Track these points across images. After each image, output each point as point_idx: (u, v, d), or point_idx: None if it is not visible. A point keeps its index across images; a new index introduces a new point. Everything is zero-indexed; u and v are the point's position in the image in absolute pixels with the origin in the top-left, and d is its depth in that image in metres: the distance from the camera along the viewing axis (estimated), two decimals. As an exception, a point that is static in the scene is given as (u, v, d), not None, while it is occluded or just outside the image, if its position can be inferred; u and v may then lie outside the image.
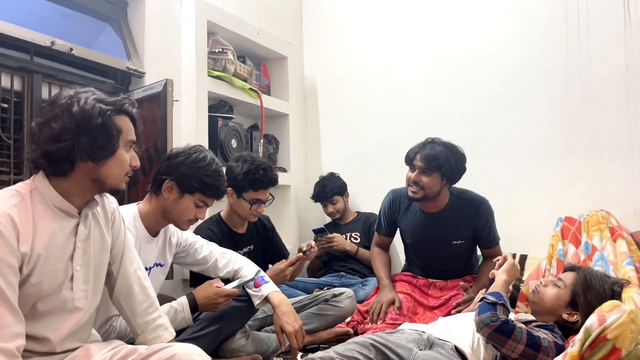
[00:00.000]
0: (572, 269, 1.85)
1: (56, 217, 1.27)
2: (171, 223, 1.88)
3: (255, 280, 1.97)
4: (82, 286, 1.33)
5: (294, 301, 2.36)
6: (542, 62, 3.02)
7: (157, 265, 1.93)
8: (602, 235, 2.37)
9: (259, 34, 3.34)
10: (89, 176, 1.30)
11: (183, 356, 1.24)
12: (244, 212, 2.32)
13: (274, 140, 3.56)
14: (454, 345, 1.64)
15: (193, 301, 1.86)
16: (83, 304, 1.33)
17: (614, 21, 2.80)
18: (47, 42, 2.24)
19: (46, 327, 1.25)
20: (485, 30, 3.23)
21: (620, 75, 2.79)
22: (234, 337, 2.06)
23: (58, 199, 1.27)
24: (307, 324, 2.26)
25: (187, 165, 1.80)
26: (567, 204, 2.83)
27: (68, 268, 1.29)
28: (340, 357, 1.49)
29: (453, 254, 2.57)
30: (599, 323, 1.43)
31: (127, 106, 1.36)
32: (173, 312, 1.82)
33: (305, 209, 3.85)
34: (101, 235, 1.40)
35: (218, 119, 2.95)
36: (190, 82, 2.82)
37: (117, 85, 2.63)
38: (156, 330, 1.51)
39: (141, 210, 1.85)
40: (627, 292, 1.67)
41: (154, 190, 1.85)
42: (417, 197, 2.46)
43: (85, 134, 1.24)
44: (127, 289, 1.49)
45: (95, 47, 2.52)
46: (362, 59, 3.73)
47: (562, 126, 2.95)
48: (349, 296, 2.45)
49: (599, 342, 1.41)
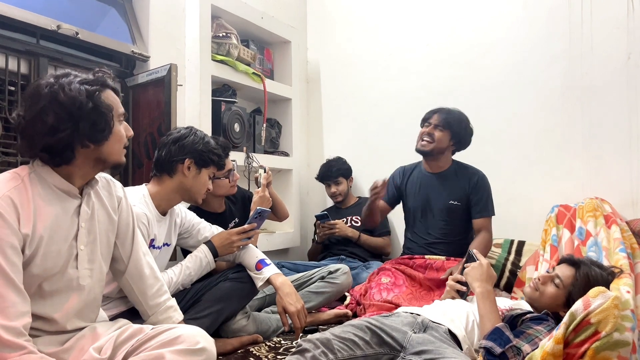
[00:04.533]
0: (572, 264, 1.81)
1: (58, 198, 1.29)
2: (187, 200, 2.03)
3: (257, 263, 2.05)
4: (87, 265, 1.35)
5: (291, 279, 2.43)
6: (544, 49, 3.03)
7: (165, 245, 2.00)
8: (597, 222, 2.40)
9: (262, 18, 3.35)
10: (91, 158, 1.31)
11: (187, 337, 1.29)
12: (224, 189, 2.39)
13: (277, 125, 3.58)
14: (448, 328, 1.68)
15: (212, 248, 2.05)
16: (88, 282, 1.36)
17: (617, 10, 2.80)
18: (53, 25, 2.27)
19: (53, 306, 1.28)
20: (489, 16, 3.23)
21: (622, 65, 2.80)
22: (235, 317, 2.11)
23: (59, 180, 1.29)
24: (306, 302, 2.31)
25: (199, 142, 1.96)
26: (566, 192, 2.86)
27: (72, 247, 1.31)
28: (336, 338, 1.53)
29: (450, 216, 2.67)
30: (583, 308, 1.47)
31: (107, 80, 1.35)
32: (198, 260, 2.01)
33: (307, 193, 3.88)
34: (107, 216, 1.43)
35: (221, 103, 2.97)
36: (194, 66, 2.85)
37: (121, 69, 2.66)
38: (167, 312, 1.58)
39: (151, 191, 1.92)
40: (616, 283, 1.70)
41: (167, 173, 1.93)
42: (426, 150, 2.67)
43: (81, 119, 1.24)
44: (139, 272, 1.53)
45: (101, 30, 2.54)
46: (366, 43, 3.73)
47: (562, 114, 2.96)
48: (345, 272, 2.51)
49: (583, 326, 1.45)
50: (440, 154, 2.70)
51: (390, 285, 2.52)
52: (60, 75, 1.29)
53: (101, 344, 1.32)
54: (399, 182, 2.87)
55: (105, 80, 1.34)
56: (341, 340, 1.53)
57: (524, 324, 1.69)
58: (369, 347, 1.56)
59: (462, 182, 2.69)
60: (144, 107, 2.56)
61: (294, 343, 2.09)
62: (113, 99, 1.35)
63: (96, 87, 1.29)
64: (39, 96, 1.25)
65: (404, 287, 2.51)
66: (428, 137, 2.66)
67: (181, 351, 1.25)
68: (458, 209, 2.67)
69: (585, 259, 1.87)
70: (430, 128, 2.66)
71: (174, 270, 1.96)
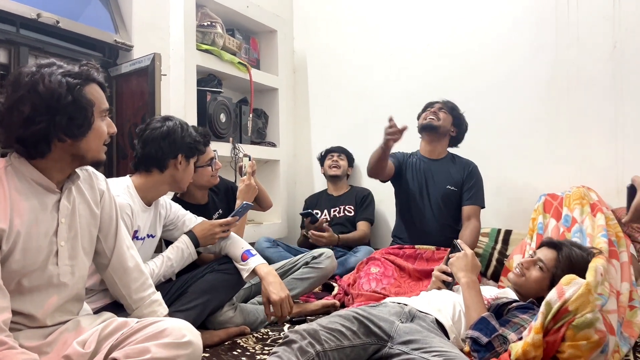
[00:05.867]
0: (553, 246, 1.83)
1: (36, 193, 1.26)
2: (174, 189, 2.07)
3: (243, 254, 2.04)
4: (68, 261, 1.33)
5: (276, 267, 2.43)
6: (531, 39, 3.03)
7: (149, 237, 1.97)
8: (583, 210, 2.41)
9: (248, 7, 3.31)
10: (68, 153, 1.28)
11: (173, 330, 1.26)
12: (205, 179, 2.34)
13: (263, 115, 3.56)
14: (435, 318, 1.69)
15: (194, 238, 2.03)
16: (69, 279, 1.33)
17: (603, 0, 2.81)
18: (33, 14, 2.23)
19: (33, 303, 1.26)
20: (474, 5, 3.23)
21: (608, 54, 2.81)
22: (222, 309, 2.10)
23: (36, 174, 1.25)
24: (292, 289, 2.33)
25: (185, 135, 1.95)
26: (553, 181, 2.88)
27: (52, 244, 1.29)
28: (324, 329, 1.52)
29: (445, 202, 2.71)
30: (558, 296, 1.50)
31: (94, 74, 1.30)
32: (180, 251, 1.98)
33: (295, 184, 3.87)
34: (88, 211, 1.41)
35: (207, 93, 2.94)
36: (178, 55, 2.81)
37: (104, 58, 2.62)
38: (152, 306, 1.55)
39: (136, 182, 1.90)
40: (594, 262, 1.72)
41: (158, 168, 1.91)
42: (432, 125, 2.74)
43: (58, 113, 1.20)
44: (123, 265, 1.51)
45: (82, 19, 2.50)
46: (352, 32, 3.71)
47: (550, 104, 2.97)
48: (328, 256, 2.51)
49: (562, 314, 1.47)
50: (443, 135, 2.78)
51: (380, 276, 2.51)
52: (44, 64, 1.24)
53: (85, 338, 1.30)
54: (401, 159, 2.87)
55: (91, 74, 1.29)
56: (328, 330, 1.52)
57: (510, 313, 1.70)
58: (356, 338, 1.56)
59: (458, 168, 2.76)
60: (128, 97, 2.53)
61: (281, 334, 2.08)
62: (97, 94, 1.30)
63: (79, 81, 1.24)
64: (18, 85, 1.21)
65: (392, 279, 2.51)
66: (433, 115, 2.75)
67: (167, 344, 1.23)
68: (453, 195, 2.71)
69: (564, 241, 1.90)
70: (436, 109, 2.76)
71: (155, 262, 1.93)
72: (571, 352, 1.48)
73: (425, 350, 1.45)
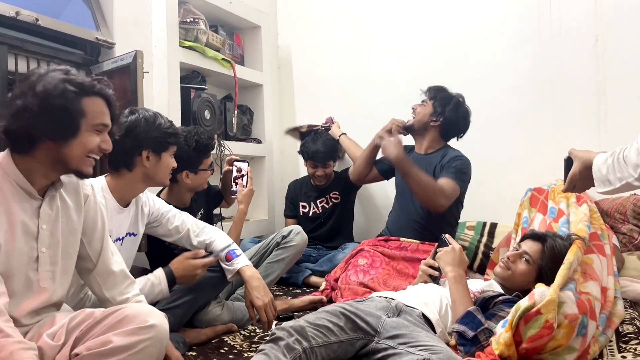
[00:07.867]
0: (537, 239, 1.85)
1: (18, 197, 1.26)
2: (153, 185, 1.95)
3: (227, 254, 2.00)
4: (49, 267, 1.33)
5: (251, 254, 2.43)
6: (514, 32, 3.04)
7: (129, 235, 1.94)
8: (569, 203, 2.43)
9: (231, 2, 3.29)
10: (51, 156, 1.28)
11: (135, 316, 1.25)
12: (200, 183, 2.33)
13: (249, 111, 3.54)
14: (421, 312, 1.69)
15: (170, 274, 1.88)
16: (49, 285, 1.33)
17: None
18: (12, 12, 2.18)
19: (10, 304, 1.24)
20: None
21: (590, 47, 2.83)
22: (208, 307, 2.09)
23: (20, 178, 1.26)
24: (270, 274, 2.35)
25: (151, 128, 1.84)
26: (537, 173, 2.89)
27: (33, 250, 1.29)
28: (310, 325, 1.52)
29: None
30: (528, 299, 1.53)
31: (99, 88, 1.32)
32: (150, 285, 1.83)
33: (281, 180, 3.86)
34: (72, 216, 1.40)
35: (190, 90, 2.92)
36: (161, 52, 2.78)
37: (86, 56, 2.58)
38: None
39: (110, 183, 1.85)
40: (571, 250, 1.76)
41: (125, 167, 1.84)
42: (407, 124, 2.71)
43: (44, 113, 1.23)
44: (108, 270, 1.50)
45: (63, 17, 2.46)
46: (337, 27, 3.70)
47: (533, 96, 3.00)
48: (297, 232, 2.51)
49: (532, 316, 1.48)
50: (423, 129, 2.70)
51: (367, 267, 2.51)
52: (54, 68, 1.30)
53: (55, 330, 1.30)
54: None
55: (95, 87, 1.31)
56: (315, 327, 1.52)
57: (496, 307, 1.71)
58: (343, 333, 1.56)
59: (443, 162, 2.62)
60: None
61: (268, 332, 2.07)
62: (96, 108, 1.32)
63: (77, 90, 1.27)
64: (26, 81, 1.28)
65: (380, 269, 2.52)
66: (412, 112, 2.73)
67: (128, 332, 1.21)
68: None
69: (547, 232, 1.93)
70: (416, 105, 2.73)
71: None
72: (550, 344, 1.51)
73: (411, 345, 1.46)
